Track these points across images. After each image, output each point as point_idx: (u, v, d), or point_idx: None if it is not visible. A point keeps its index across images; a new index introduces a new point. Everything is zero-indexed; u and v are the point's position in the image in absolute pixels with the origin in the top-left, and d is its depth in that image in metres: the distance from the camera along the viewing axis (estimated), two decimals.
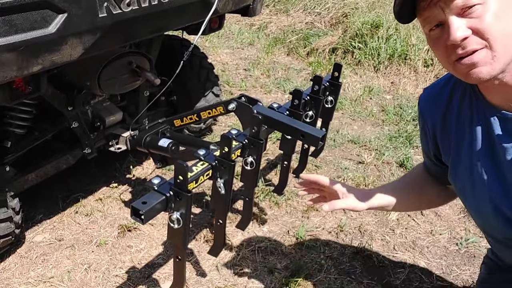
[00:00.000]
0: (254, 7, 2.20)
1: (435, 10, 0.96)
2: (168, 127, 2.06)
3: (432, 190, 1.44)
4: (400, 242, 2.02)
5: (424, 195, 1.45)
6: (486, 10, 0.91)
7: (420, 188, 1.45)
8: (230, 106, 1.80)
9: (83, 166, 2.40)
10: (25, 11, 1.21)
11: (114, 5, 1.43)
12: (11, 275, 1.80)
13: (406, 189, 1.47)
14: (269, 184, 2.34)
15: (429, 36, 1.02)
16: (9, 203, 1.70)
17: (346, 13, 4.54)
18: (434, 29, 0.99)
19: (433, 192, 1.44)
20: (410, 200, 1.47)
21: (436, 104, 1.23)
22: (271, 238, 2.02)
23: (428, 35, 1.02)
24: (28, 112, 1.85)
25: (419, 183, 1.46)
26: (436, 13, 0.96)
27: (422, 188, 1.45)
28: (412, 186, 1.47)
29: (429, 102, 1.26)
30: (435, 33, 1.00)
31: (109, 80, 1.85)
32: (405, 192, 1.46)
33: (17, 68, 1.25)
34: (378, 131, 2.96)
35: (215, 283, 1.78)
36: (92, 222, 2.10)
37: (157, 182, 1.28)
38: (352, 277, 1.82)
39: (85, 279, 1.79)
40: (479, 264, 1.89)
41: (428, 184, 1.44)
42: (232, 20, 5.08)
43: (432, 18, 0.98)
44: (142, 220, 1.20)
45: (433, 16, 0.97)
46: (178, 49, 2.42)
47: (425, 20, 1.00)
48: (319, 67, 3.94)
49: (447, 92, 1.21)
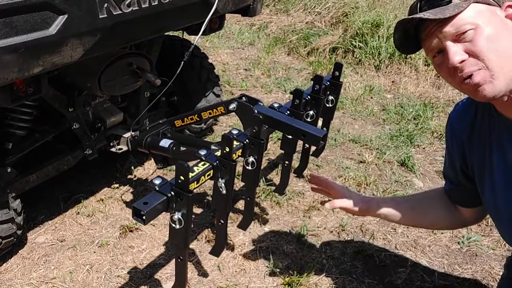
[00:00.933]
0: (254, 7, 2.20)
1: (433, 39, 1.07)
2: (169, 128, 2.06)
3: (440, 212, 1.48)
4: (401, 241, 2.02)
5: (430, 214, 1.49)
6: (478, 34, 1.00)
7: (429, 207, 1.49)
8: (231, 106, 1.80)
9: (84, 167, 2.41)
10: (25, 13, 1.20)
11: (114, 6, 1.43)
12: (13, 276, 1.81)
13: (412, 203, 1.52)
14: (270, 184, 2.34)
15: (433, 62, 1.12)
16: (11, 204, 1.70)
17: (347, 12, 4.54)
18: (436, 55, 1.09)
19: (440, 214, 1.48)
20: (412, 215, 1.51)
21: (464, 119, 1.29)
22: (272, 238, 2.02)
23: (433, 61, 1.12)
24: (29, 114, 1.85)
25: (429, 202, 1.50)
26: (435, 42, 1.07)
27: (431, 207, 1.49)
28: (420, 202, 1.52)
29: (458, 117, 1.33)
30: (437, 59, 1.10)
31: (110, 81, 1.85)
32: (410, 207, 1.51)
33: (18, 69, 1.25)
34: (379, 130, 2.96)
35: (217, 283, 1.78)
36: (94, 222, 2.10)
37: (158, 182, 1.28)
38: (354, 276, 1.82)
39: (87, 280, 1.79)
40: (481, 263, 1.89)
41: (439, 205, 1.48)
42: (233, 20, 5.08)
43: (433, 47, 1.08)
44: (144, 221, 1.20)
45: (433, 45, 1.07)
46: (179, 49, 2.42)
47: (428, 49, 1.11)
48: (320, 66, 3.94)
49: (473, 108, 1.27)
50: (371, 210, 1.50)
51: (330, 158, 2.62)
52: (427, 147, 2.78)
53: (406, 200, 1.60)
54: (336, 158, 2.62)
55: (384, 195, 2.29)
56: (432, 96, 3.50)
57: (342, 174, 2.45)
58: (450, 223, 1.51)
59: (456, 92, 3.56)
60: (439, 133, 2.90)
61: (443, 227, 1.65)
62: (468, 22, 1.01)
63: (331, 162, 2.58)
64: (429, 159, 2.66)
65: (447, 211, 1.46)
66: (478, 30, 1.00)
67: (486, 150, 1.22)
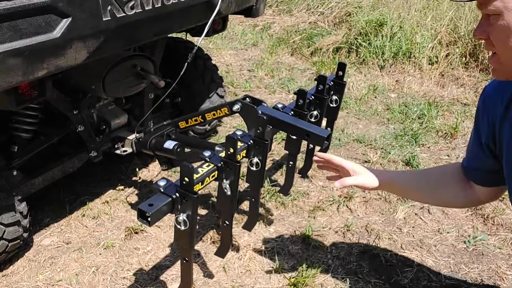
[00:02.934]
0: (257, 8, 2.20)
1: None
2: (173, 129, 2.06)
3: (454, 189, 1.42)
4: (407, 241, 2.01)
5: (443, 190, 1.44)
6: (498, 22, 0.97)
7: (442, 183, 1.44)
8: (235, 107, 1.80)
9: (90, 169, 2.42)
10: (29, 16, 1.21)
11: (118, 8, 1.44)
12: (19, 278, 1.81)
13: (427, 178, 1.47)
14: (275, 185, 2.34)
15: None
16: (17, 207, 1.71)
17: (350, 12, 4.53)
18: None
19: (454, 192, 1.43)
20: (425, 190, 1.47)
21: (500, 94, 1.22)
22: (277, 238, 2.02)
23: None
24: (34, 117, 1.86)
25: (443, 178, 1.45)
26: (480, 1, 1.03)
27: (445, 183, 1.44)
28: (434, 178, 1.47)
29: (494, 91, 1.26)
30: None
31: (114, 83, 1.85)
32: (424, 181, 1.46)
33: (22, 73, 1.26)
34: (384, 130, 2.95)
35: (222, 284, 1.78)
36: (99, 224, 2.10)
37: (163, 184, 1.28)
38: (360, 276, 1.82)
39: (93, 282, 1.80)
40: (487, 262, 1.88)
41: (454, 182, 1.42)
42: (236, 21, 5.08)
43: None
44: (149, 222, 1.20)
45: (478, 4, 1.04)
46: (182, 51, 2.42)
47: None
48: (323, 66, 3.94)
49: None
50: (383, 185, 1.46)
51: None
52: (432, 146, 2.77)
53: (420, 175, 1.55)
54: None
55: (389, 195, 2.28)
56: (437, 95, 3.49)
57: None
58: (463, 201, 1.45)
59: (460, 91, 3.55)
60: (444, 132, 2.89)
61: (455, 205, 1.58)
62: (493, 7, 0.97)
63: None
64: (434, 158, 2.65)
65: (461, 189, 1.41)
66: (499, 17, 0.97)
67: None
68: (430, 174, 1.54)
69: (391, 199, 2.26)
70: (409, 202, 2.23)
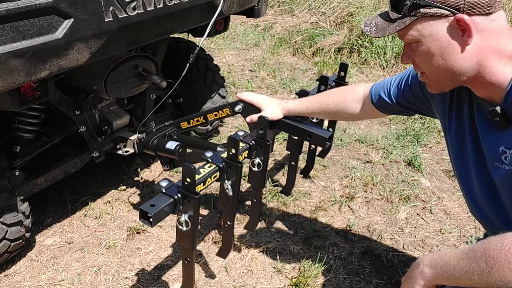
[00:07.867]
0: (259, 8, 2.20)
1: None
2: (175, 130, 2.07)
3: (352, 110, 1.59)
4: (409, 241, 2.01)
5: (341, 112, 1.62)
6: (419, 47, 1.07)
7: (341, 106, 1.61)
8: (237, 108, 1.80)
9: (91, 169, 2.43)
10: (32, 17, 1.21)
11: (119, 9, 1.44)
12: (22, 278, 1.82)
13: (326, 103, 1.64)
14: (276, 185, 2.34)
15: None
16: (19, 207, 1.72)
17: (351, 12, 4.53)
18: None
19: (352, 112, 1.59)
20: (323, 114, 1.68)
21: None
22: (279, 238, 2.02)
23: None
24: (36, 117, 1.86)
25: (342, 101, 1.60)
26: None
27: (344, 106, 1.60)
28: (334, 102, 1.62)
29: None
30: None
31: (116, 84, 1.86)
32: (323, 105, 1.63)
33: (25, 73, 1.26)
34: (385, 130, 2.95)
35: (224, 284, 1.78)
36: (101, 225, 2.11)
37: (165, 184, 1.28)
38: (361, 277, 1.82)
39: (95, 282, 1.80)
40: None
41: (353, 102, 1.58)
42: (237, 22, 5.08)
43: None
44: (151, 223, 1.21)
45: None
46: (184, 51, 2.43)
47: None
48: (325, 66, 3.94)
49: None
50: (289, 112, 1.67)
51: (336, 158, 2.61)
52: (433, 146, 2.77)
53: (320, 103, 1.67)
54: (343, 158, 2.61)
55: (391, 195, 2.28)
56: None
57: (349, 174, 2.44)
58: (357, 117, 1.64)
59: None
60: None
61: (348, 120, 1.78)
62: (411, 37, 1.07)
63: (338, 162, 2.57)
64: (436, 158, 2.64)
65: (360, 110, 1.57)
66: (419, 44, 1.07)
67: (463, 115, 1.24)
68: (329, 99, 1.65)
69: (393, 199, 2.26)
70: (411, 203, 2.23)
